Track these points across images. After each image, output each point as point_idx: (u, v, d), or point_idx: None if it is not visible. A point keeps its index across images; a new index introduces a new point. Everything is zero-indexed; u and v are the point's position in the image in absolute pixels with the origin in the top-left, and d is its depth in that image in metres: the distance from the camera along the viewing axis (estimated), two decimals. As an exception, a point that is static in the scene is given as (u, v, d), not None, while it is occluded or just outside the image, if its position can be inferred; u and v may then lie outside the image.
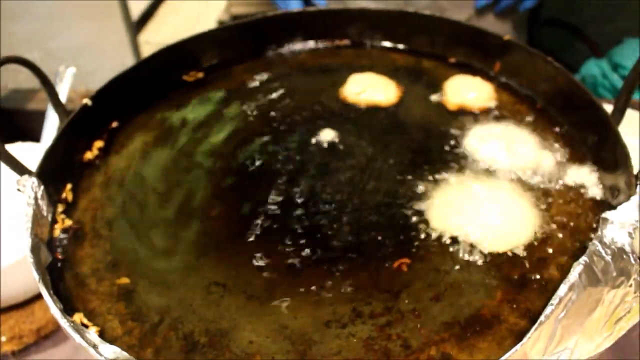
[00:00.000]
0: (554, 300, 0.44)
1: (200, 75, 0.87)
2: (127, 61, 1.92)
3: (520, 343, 0.42)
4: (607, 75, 1.22)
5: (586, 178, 0.67)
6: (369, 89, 0.82)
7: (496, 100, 0.80)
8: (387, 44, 0.92)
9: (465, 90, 0.81)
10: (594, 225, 0.62)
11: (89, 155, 0.73)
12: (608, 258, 0.47)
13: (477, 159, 0.71)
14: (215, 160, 0.74)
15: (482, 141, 0.73)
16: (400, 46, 0.92)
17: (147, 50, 1.95)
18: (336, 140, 0.76)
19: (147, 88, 0.82)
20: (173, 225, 0.66)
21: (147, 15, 2.83)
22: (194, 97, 0.83)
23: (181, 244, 0.63)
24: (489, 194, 0.65)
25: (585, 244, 0.60)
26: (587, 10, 1.57)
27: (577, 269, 0.46)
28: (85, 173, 0.72)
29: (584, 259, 0.46)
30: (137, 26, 2.13)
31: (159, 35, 2.71)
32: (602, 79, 1.21)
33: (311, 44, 0.94)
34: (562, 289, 0.44)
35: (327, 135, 0.76)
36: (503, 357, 0.42)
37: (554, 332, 0.44)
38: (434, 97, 0.81)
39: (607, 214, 0.54)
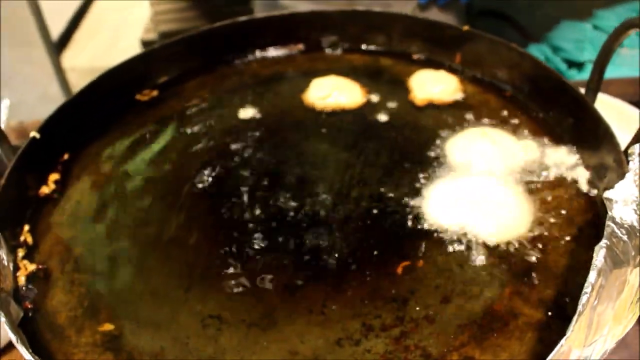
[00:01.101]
0: (587, 288, 0.42)
1: (155, 93, 0.82)
2: (51, 88, 1.82)
3: (565, 337, 0.40)
4: (549, 58, 1.25)
5: (569, 160, 0.66)
6: (333, 92, 0.79)
7: (462, 91, 0.79)
8: (341, 45, 0.90)
9: (431, 84, 0.79)
10: (585, 206, 0.61)
11: (45, 189, 0.67)
12: (625, 238, 0.46)
13: (456, 153, 0.69)
14: (181, 185, 0.68)
15: (458, 135, 0.71)
16: (355, 46, 0.90)
17: (73, 77, 1.85)
18: (309, 148, 0.72)
19: (99, 113, 0.76)
20: (151, 260, 0.60)
21: (64, 40, 2.70)
22: (150, 118, 0.78)
23: (163, 278, 0.58)
24: (478, 187, 0.64)
25: (580, 226, 0.60)
26: (514, 2, 1.61)
27: (600, 253, 0.44)
28: (44, 210, 0.65)
29: (604, 241, 0.45)
30: (56, 52, 2.02)
31: (80, 60, 2.60)
32: (546, 63, 1.23)
33: (263, 52, 0.90)
34: (592, 275, 0.42)
35: (299, 144, 0.73)
36: (550, 355, 0.40)
37: (591, 321, 0.42)
38: (400, 95, 0.79)
39: (608, 194, 0.53)
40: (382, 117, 0.76)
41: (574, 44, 1.23)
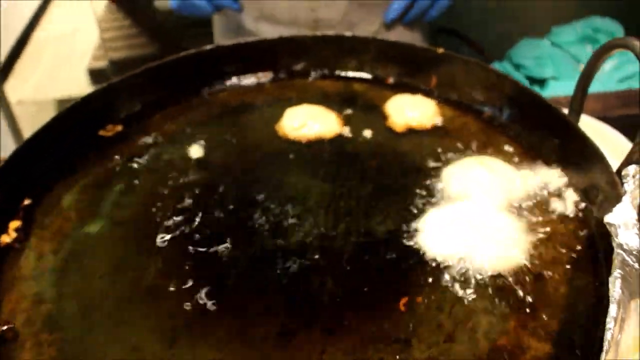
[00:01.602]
0: (609, 323, 0.40)
1: (119, 128, 0.77)
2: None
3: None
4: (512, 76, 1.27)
5: (557, 183, 0.65)
6: (308, 121, 0.76)
7: (440, 115, 0.77)
8: (312, 71, 0.87)
9: (408, 109, 0.77)
10: (579, 230, 0.60)
11: (5, 239, 0.61)
12: (636, 265, 0.45)
13: (441, 181, 0.67)
14: (154, 228, 0.63)
15: (442, 161, 0.69)
16: (327, 72, 0.87)
17: (19, 111, 1.76)
18: (288, 182, 0.69)
19: (60, 153, 0.70)
20: (128, 312, 0.55)
21: (6, 70, 2.59)
22: (115, 156, 0.73)
23: (145, 332, 0.53)
24: (469, 217, 0.61)
25: (576, 251, 0.58)
26: (469, 19, 1.64)
27: (616, 284, 0.43)
28: (6, 262, 0.59)
29: (618, 271, 0.44)
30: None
31: (23, 91, 2.49)
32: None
33: (231, 81, 0.86)
34: (612, 308, 0.41)
35: (276, 178, 0.69)
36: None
37: (616, 354, 0.40)
38: (377, 121, 0.77)
39: (608, 218, 0.52)
40: (362, 146, 0.74)
41: (535, 61, 1.25)
